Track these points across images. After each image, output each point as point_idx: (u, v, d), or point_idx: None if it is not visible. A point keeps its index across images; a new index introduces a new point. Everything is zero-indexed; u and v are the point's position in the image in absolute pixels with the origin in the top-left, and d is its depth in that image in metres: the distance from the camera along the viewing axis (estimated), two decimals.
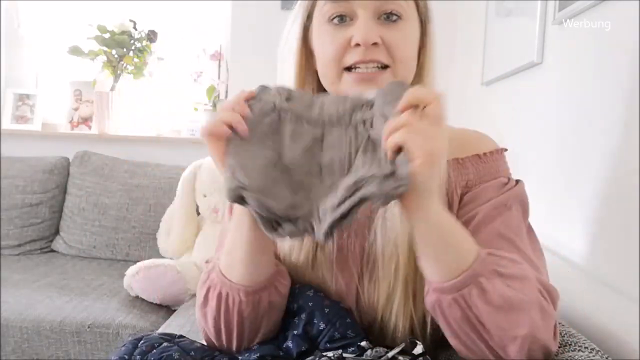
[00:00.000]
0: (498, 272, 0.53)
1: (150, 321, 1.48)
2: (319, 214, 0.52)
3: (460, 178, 0.67)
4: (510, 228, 0.62)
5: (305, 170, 0.55)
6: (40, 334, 1.42)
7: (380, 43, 0.62)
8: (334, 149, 0.55)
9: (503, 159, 0.70)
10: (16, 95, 2.31)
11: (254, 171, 0.53)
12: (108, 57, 2.17)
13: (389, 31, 0.62)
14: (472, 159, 0.68)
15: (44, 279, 1.70)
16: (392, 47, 0.62)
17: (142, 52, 2.19)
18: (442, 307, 0.54)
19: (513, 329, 0.52)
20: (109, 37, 2.13)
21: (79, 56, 2.15)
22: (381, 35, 0.62)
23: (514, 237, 0.62)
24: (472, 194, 0.66)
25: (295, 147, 0.56)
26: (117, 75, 2.21)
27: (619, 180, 0.81)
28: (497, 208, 0.63)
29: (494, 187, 0.65)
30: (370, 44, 0.61)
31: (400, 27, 0.63)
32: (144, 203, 2.00)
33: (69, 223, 2.05)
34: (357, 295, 0.67)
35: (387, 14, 0.62)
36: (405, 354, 0.57)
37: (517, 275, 0.54)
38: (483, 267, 0.52)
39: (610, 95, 0.85)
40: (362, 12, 0.62)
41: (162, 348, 0.62)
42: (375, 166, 0.50)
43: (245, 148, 0.55)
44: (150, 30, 2.19)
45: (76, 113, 2.30)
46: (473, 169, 0.67)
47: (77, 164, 2.11)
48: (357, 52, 0.62)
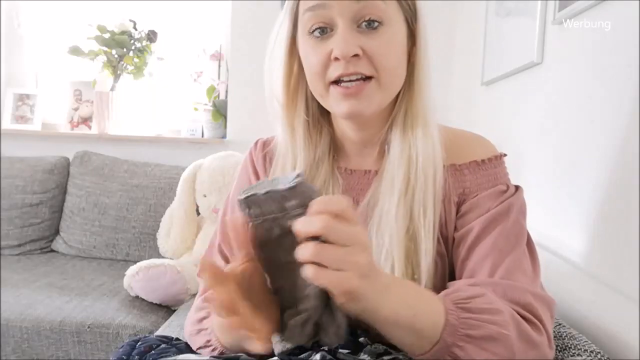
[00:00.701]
0: (469, 335, 0.51)
1: (150, 321, 1.48)
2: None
3: (457, 185, 0.66)
4: (508, 239, 0.61)
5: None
6: (40, 334, 1.42)
7: (361, 54, 0.60)
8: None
9: (502, 165, 0.69)
10: (16, 95, 2.31)
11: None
12: (108, 57, 2.17)
13: (369, 40, 0.60)
14: (470, 165, 0.67)
15: (44, 279, 1.70)
16: (374, 56, 0.60)
17: (142, 52, 2.19)
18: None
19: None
20: (109, 37, 2.13)
21: (79, 56, 2.15)
22: (361, 45, 0.60)
23: (511, 248, 0.61)
24: (469, 203, 0.65)
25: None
26: (117, 75, 2.21)
27: (619, 180, 0.81)
28: (496, 219, 0.62)
29: (492, 196, 0.64)
30: (350, 57, 0.59)
31: (381, 34, 0.61)
32: (144, 203, 2.00)
33: (69, 223, 2.05)
34: None
35: (367, 21, 0.60)
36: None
37: (492, 336, 0.52)
38: (453, 336, 0.51)
39: (610, 95, 0.85)
40: (341, 21, 0.60)
41: (159, 349, 0.63)
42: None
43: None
44: (150, 30, 2.19)
45: (76, 113, 2.30)
46: (470, 177, 0.66)
47: (77, 164, 2.11)
48: (339, 65, 0.60)
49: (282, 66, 0.68)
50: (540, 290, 0.60)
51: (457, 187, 0.66)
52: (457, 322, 0.52)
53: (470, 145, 0.69)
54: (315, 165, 0.70)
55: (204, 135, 2.27)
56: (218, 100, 2.21)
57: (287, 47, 0.67)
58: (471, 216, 0.64)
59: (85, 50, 2.15)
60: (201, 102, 2.26)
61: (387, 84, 0.62)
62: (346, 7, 0.59)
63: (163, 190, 2.01)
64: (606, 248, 0.85)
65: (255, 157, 0.79)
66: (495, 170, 0.67)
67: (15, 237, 2.01)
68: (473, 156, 0.67)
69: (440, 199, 0.64)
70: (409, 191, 0.62)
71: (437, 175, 0.64)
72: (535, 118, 1.18)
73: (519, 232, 0.63)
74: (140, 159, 2.17)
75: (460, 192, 0.66)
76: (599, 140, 0.88)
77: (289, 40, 0.67)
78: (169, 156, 2.22)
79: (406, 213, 0.62)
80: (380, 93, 0.62)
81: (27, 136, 2.29)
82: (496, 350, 0.52)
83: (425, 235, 0.62)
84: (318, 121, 0.71)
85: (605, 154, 0.86)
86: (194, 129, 2.27)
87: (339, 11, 0.60)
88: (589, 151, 0.92)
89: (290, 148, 0.70)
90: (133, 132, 2.29)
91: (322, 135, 0.72)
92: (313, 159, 0.70)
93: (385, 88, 0.63)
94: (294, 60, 0.68)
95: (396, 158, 0.65)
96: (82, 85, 2.29)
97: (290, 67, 0.68)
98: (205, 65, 2.30)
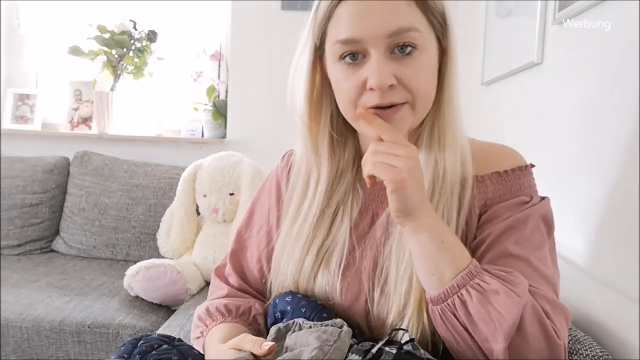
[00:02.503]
0: (481, 285, 0.54)
1: (150, 321, 1.48)
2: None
3: (479, 197, 0.65)
4: (524, 246, 0.60)
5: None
6: (40, 334, 1.42)
7: (396, 83, 0.59)
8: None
9: (527, 176, 0.67)
10: (16, 95, 2.31)
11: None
12: (108, 57, 2.17)
13: (403, 67, 0.59)
14: (492, 176, 0.66)
15: (44, 279, 1.70)
16: (409, 84, 0.59)
17: (142, 52, 2.19)
18: (435, 317, 0.58)
19: (490, 341, 0.53)
20: (109, 37, 2.13)
21: (79, 56, 2.15)
22: (395, 74, 0.58)
23: (527, 254, 0.60)
24: (489, 213, 0.64)
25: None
26: (117, 75, 2.21)
27: (619, 179, 0.81)
28: (512, 226, 0.62)
29: (511, 207, 0.63)
30: (386, 87, 0.58)
31: (415, 59, 0.59)
32: (144, 203, 2.00)
33: (69, 223, 2.05)
34: (366, 309, 0.67)
35: (400, 46, 0.58)
36: (392, 344, 0.57)
37: (499, 291, 0.54)
38: (466, 280, 0.55)
39: (610, 95, 0.85)
40: (374, 50, 0.58)
41: (161, 350, 0.63)
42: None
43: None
44: (150, 30, 2.19)
45: (76, 113, 2.30)
46: (492, 187, 0.65)
47: (77, 164, 2.11)
48: (374, 95, 0.59)
49: (305, 84, 0.67)
50: (557, 299, 0.60)
51: (479, 199, 0.65)
52: (474, 271, 0.56)
53: (494, 156, 0.68)
54: (338, 177, 0.71)
55: (204, 135, 2.27)
56: (218, 100, 2.21)
57: (310, 63, 0.66)
58: (488, 225, 0.63)
59: (85, 50, 2.15)
60: (201, 102, 2.26)
61: (420, 107, 0.62)
62: (380, 36, 0.58)
63: (163, 190, 2.01)
64: (606, 248, 0.85)
65: (280, 172, 0.80)
66: (519, 181, 0.66)
67: (15, 237, 2.01)
68: (496, 167, 0.66)
69: (466, 213, 0.64)
70: (432, 205, 0.62)
71: (464, 191, 0.63)
72: (535, 118, 1.18)
73: (538, 240, 0.62)
74: (140, 159, 2.17)
75: (482, 203, 0.65)
76: (599, 140, 0.88)
77: (313, 57, 0.66)
78: (169, 156, 2.22)
79: None
80: (413, 116, 0.62)
81: (27, 136, 2.29)
82: (502, 306, 0.53)
83: None
84: (342, 134, 0.71)
85: (605, 154, 0.86)
86: (194, 129, 2.27)
87: (374, 40, 0.58)
88: (589, 151, 0.92)
89: (315, 162, 0.71)
90: (133, 132, 2.29)
91: (347, 148, 0.72)
92: (336, 171, 0.71)
93: (418, 111, 0.62)
94: (317, 75, 0.67)
95: None
96: (82, 85, 2.29)
97: (313, 83, 0.67)
98: (205, 65, 2.30)
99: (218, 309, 0.73)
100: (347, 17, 0.59)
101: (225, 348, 0.61)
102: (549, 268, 0.61)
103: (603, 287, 0.82)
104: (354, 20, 0.58)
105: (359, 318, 0.67)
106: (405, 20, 0.58)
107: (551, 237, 0.65)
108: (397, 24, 0.57)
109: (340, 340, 0.56)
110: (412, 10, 0.59)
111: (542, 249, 0.62)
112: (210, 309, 0.74)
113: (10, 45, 2.34)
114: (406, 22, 0.58)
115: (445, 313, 0.56)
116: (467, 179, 0.64)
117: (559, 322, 0.56)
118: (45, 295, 1.55)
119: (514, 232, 0.61)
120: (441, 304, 0.56)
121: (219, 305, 0.73)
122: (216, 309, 0.73)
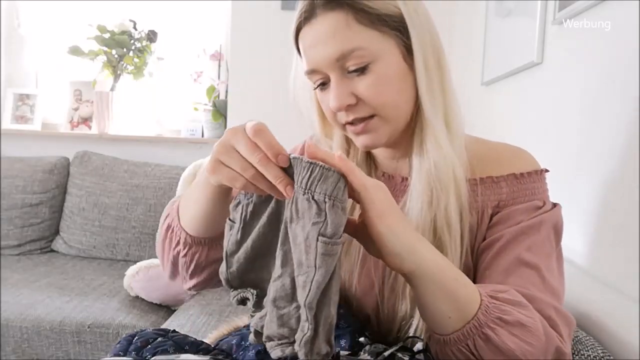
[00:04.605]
0: (501, 319, 0.51)
1: (150, 321, 1.48)
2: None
3: (492, 197, 0.65)
4: (535, 253, 0.60)
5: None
6: (40, 334, 1.42)
7: (355, 101, 0.61)
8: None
9: (542, 180, 0.67)
10: (16, 95, 2.31)
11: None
12: (108, 57, 2.17)
13: (360, 84, 0.60)
14: (508, 178, 0.65)
15: (44, 279, 1.70)
16: (369, 99, 0.60)
17: (142, 52, 2.19)
18: (446, 354, 0.53)
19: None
20: (109, 37, 2.13)
21: (79, 56, 2.16)
22: (354, 92, 0.60)
23: (538, 262, 0.59)
24: (501, 215, 0.64)
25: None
26: (117, 75, 2.21)
27: (619, 179, 0.81)
28: (525, 232, 0.61)
29: (525, 210, 0.63)
30: (345, 107, 0.61)
31: (372, 73, 0.60)
32: (144, 203, 2.00)
33: (69, 223, 2.05)
34: (377, 305, 0.67)
35: (353, 70, 0.60)
36: (406, 350, 0.56)
37: (522, 322, 0.52)
38: (487, 316, 0.51)
39: (610, 95, 0.85)
40: (332, 74, 0.61)
41: (156, 343, 0.63)
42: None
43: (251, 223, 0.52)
44: (150, 30, 2.19)
45: (76, 113, 2.30)
46: (507, 189, 0.65)
47: (77, 164, 2.11)
48: (341, 115, 0.63)
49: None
50: (562, 308, 0.59)
51: (492, 200, 0.65)
52: (490, 304, 0.51)
53: (510, 157, 0.68)
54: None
55: (204, 135, 2.27)
56: (218, 100, 2.21)
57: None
58: (499, 228, 0.63)
59: (85, 50, 2.15)
60: (201, 102, 2.26)
61: (390, 116, 0.62)
62: (330, 63, 0.60)
63: (163, 190, 2.01)
64: (606, 248, 0.85)
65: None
66: (534, 185, 0.65)
67: (15, 237, 2.01)
68: (512, 169, 0.66)
69: (468, 211, 0.63)
70: (433, 203, 0.62)
71: (460, 190, 0.62)
72: (535, 118, 1.18)
73: (548, 249, 0.62)
74: (140, 159, 2.17)
75: (495, 204, 0.65)
76: (599, 140, 0.88)
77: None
78: (169, 156, 2.22)
79: (430, 226, 0.62)
80: (386, 125, 0.63)
81: (27, 136, 2.29)
82: (527, 339, 0.51)
83: (451, 247, 0.62)
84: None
85: (605, 154, 0.86)
86: (194, 129, 2.27)
87: (327, 68, 0.61)
88: (589, 151, 0.92)
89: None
90: (133, 132, 2.29)
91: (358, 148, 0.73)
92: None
93: (390, 120, 0.62)
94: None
95: (416, 170, 0.64)
96: (82, 85, 2.29)
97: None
98: (205, 65, 2.30)
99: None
100: (303, 50, 0.63)
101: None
102: (556, 279, 0.61)
103: (603, 287, 0.82)
104: (308, 52, 0.61)
105: (370, 310, 0.68)
106: (345, 45, 0.59)
107: (559, 246, 0.65)
108: (339, 50, 0.59)
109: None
110: (353, 30, 0.59)
111: (551, 259, 0.62)
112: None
113: (10, 45, 2.34)
114: (347, 46, 0.59)
115: (462, 351, 0.52)
116: (461, 178, 0.63)
117: (564, 331, 0.56)
118: (45, 295, 1.55)
119: (527, 238, 0.61)
120: (458, 345, 0.52)
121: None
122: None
